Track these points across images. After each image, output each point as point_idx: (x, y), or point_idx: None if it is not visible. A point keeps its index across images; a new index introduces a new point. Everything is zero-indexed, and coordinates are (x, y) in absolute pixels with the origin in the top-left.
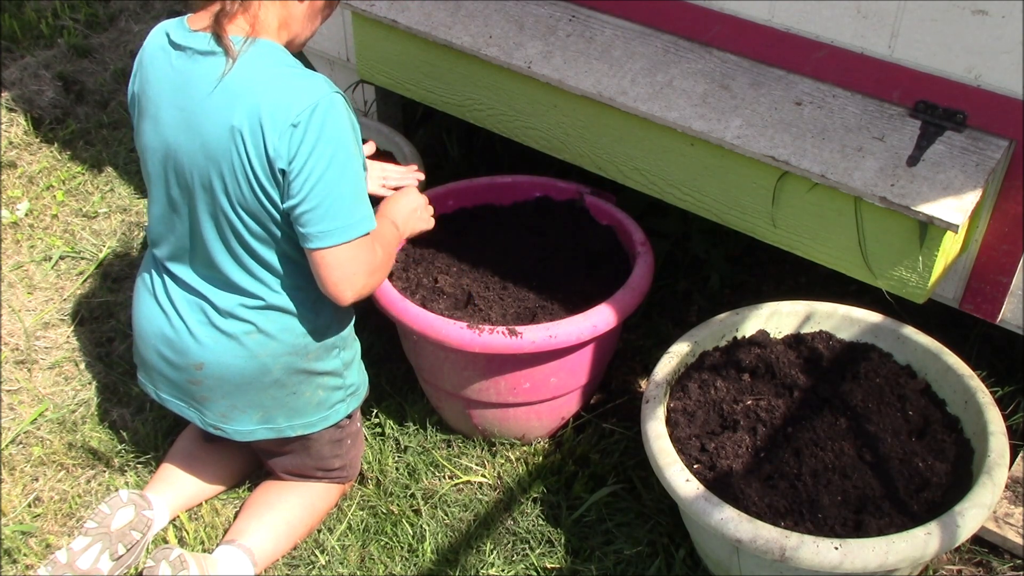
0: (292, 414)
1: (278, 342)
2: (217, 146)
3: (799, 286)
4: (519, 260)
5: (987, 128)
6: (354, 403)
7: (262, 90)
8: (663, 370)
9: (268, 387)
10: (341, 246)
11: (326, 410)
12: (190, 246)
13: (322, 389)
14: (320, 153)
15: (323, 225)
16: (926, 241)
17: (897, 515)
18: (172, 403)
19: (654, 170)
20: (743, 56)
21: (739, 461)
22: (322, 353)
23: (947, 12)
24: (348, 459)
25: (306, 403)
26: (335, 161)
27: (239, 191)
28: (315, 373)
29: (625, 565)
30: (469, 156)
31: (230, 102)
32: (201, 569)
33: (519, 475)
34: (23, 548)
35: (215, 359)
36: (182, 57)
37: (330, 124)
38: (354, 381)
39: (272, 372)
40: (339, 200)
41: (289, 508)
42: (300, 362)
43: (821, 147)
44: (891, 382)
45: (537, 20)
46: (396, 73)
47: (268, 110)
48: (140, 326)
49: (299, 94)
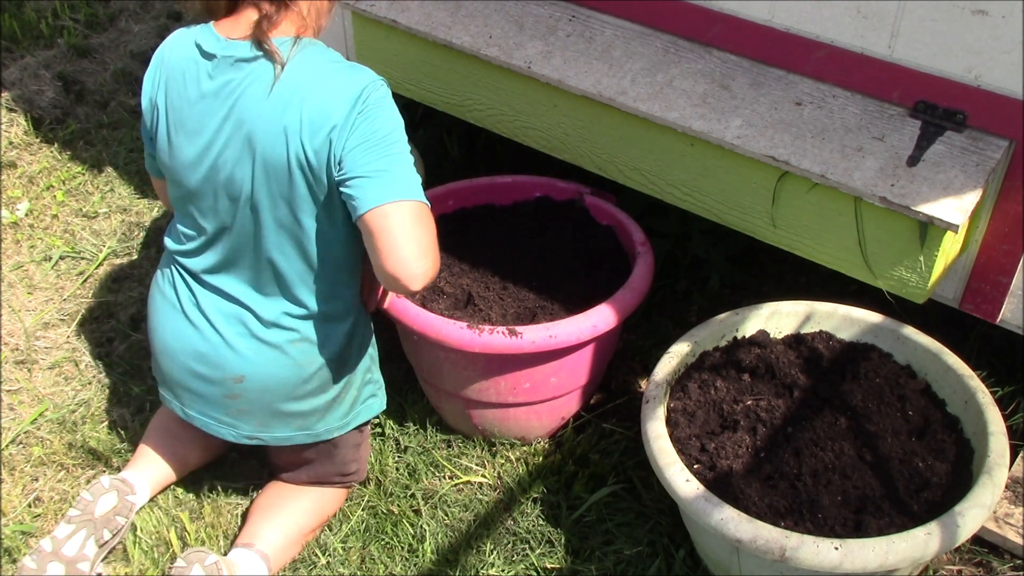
0: (329, 417)
1: (321, 349)
2: (274, 151)
3: (799, 286)
4: (519, 260)
5: (987, 128)
6: (381, 400)
7: (314, 88)
8: (663, 370)
9: (307, 396)
10: (400, 203)
11: (360, 405)
12: (236, 257)
13: (355, 389)
14: (378, 128)
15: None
16: (926, 241)
17: (897, 515)
18: (200, 420)
19: (654, 170)
20: (743, 56)
21: (739, 461)
22: (357, 353)
23: (947, 12)
24: (362, 462)
25: (340, 405)
26: (391, 137)
27: (299, 192)
28: (351, 373)
29: (625, 565)
30: (469, 156)
31: (283, 105)
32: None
33: (519, 475)
34: (23, 548)
35: (257, 370)
36: (221, 66)
37: (384, 104)
38: (379, 378)
39: (314, 379)
40: (395, 168)
41: (301, 511)
42: (339, 367)
43: (821, 147)
44: (891, 382)
45: (537, 20)
46: (396, 73)
47: (322, 105)
48: (166, 343)
49: (349, 84)
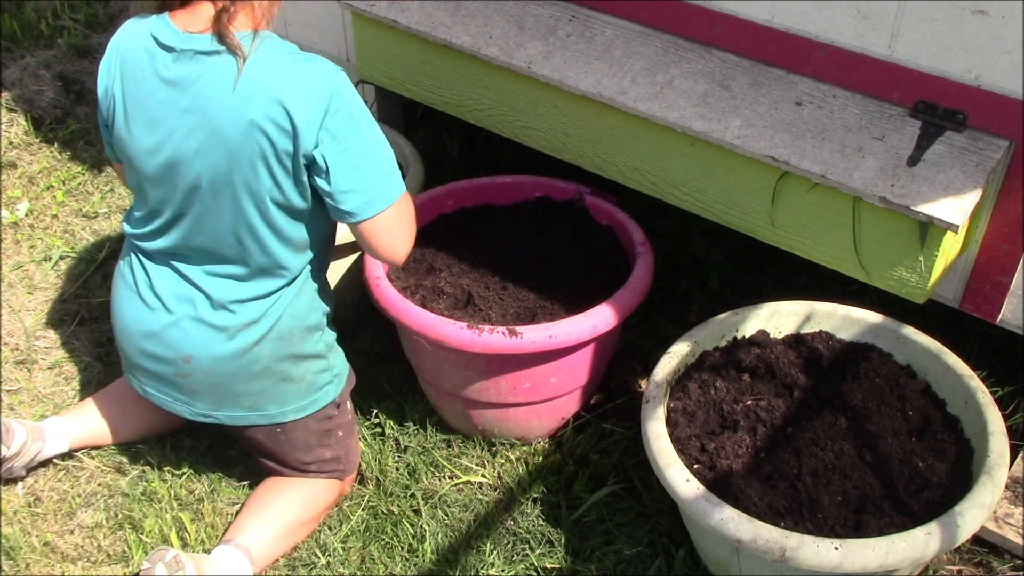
0: (282, 400)
1: (267, 330)
2: (239, 143)
3: (799, 286)
4: (519, 260)
5: (987, 128)
6: (340, 386)
7: (279, 82)
8: (663, 370)
9: (258, 376)
10: (386, 211)
11: (315, 393)
12: (190, 241)
13: (309, 372)
14: (349, 131)
15: (365, 196)
16: (926, 241)
17: (897, 515)
18: (158, 398)
19: (654, 170)
20: (743, 56)
21: (739, 461)
22: (306, 336)
23: (947, 12)
24: (342, 451)
25: (295, 388)
26: (363, 134)
27: (263, 184)
28: (301, 357)
29: (625, 565)
30: (469, 156)
31: (248, 98)
32: (198, 569)
33: (519, 475)
34: (23, 548)
35: (204, 352)
36: (181, 59)
37: (349, 101)
38: (338, 365)
39: (260, 360)
40: (374, 170)
41: (288, 506)
42: (287, 347)
43: (821, 147)
44: (891, 382)
45: (537, 20)
46: (396, 73)
47: (289, 100)
48: (123, 323)
49: (315, 80)
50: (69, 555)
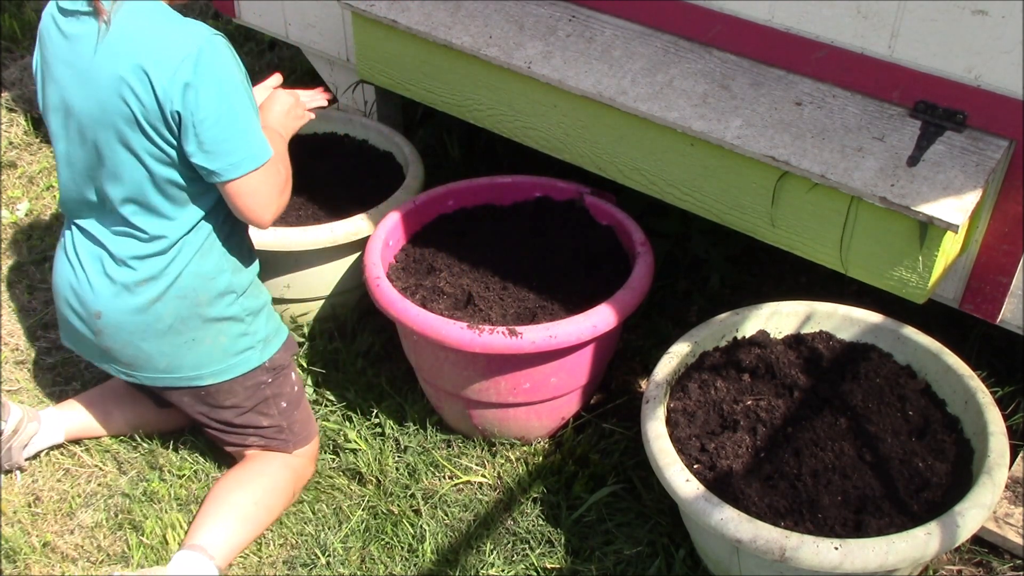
0: (197, 363)
1: (166, 287)
2: (109, 100)
3: (799, 286)
4: (519, 260)
5: (987, 128)
6: (267, 353)
7: (143, 42)
8: (663, 370)
9: (164, 334)
10: (250, 175)
11: (233, 357)
12: (90, 199)
13: (224, 336)
14: (210, 93)
15: (229, 159)
16: (926, 241)
17: (897, 515)
18: (87, 356)
19: (654, 170)
20: (743, 56)
21: (739, 461)
22: (214, 299)
23: (947, 12)
24: (284, 422)
25: (208, 351)
26: (226, 98)
27: (135, 140)
28: (211, 320)
29: (625, 565)
30: (469, 156)
31: (115, 56)
32: None
33: (519, 475)
34: (23, 548)
35: (110, 307)
36: (71, 21)
37: (215, 65)
38: (262, 330)
39: (164, 319)
40: (237, 134)
41: (238, 498)
42: (191, 307)
43: (821, 147)
44: (891, 382)
45: (537, 20)
46: (396, 73)
47: (152, 60)
48: (54, 283)
49: (181, 41)
50: (69, 555)
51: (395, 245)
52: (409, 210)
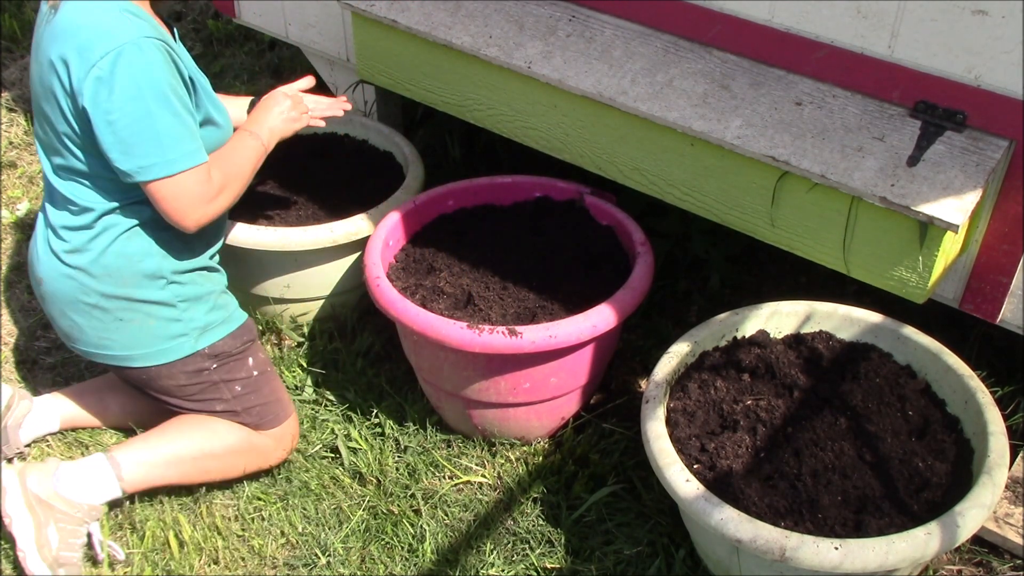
0: (126, 343)
1: (92, 263)
2: (45, 78)
3: (799, 286)
4: (519, 260)
5: (987, 128)
6: (206, 341)
7: (75, 32)
8: (663, 370)
9: (92, 309)
10: (164, 180)
11: (164, 342)
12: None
13: (152, 319)
14: (125, 93)
15: (139, 161)
16: (926, 241)
17: (897, 515)
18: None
19: (654, 170)
20: (743, 56)
21: (739, 461)
22: (141, 280)
23: (947, 12)
24: (240, 407)
25: (136, 332)
26: (142, 100)
27: (59, 119)
28: (137, 301)
29: (625, 565)
30: (469, 156)
31: (52, 41)
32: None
33: (519, 475)
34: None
35: (47, 275)
36: (45, 5)
37: (135, 66)
38: (199, 319)
39: (90, 294)
40: (150, 139)
41: (180, 444)
42: (116, 287)
43: (821, 147)
44: (891, 382)
45: (537, 20)
46: (396, 73)
47: (75, 51)
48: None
49: (105, 38)
50: None
51: (395, 245)
52: (409, 210)
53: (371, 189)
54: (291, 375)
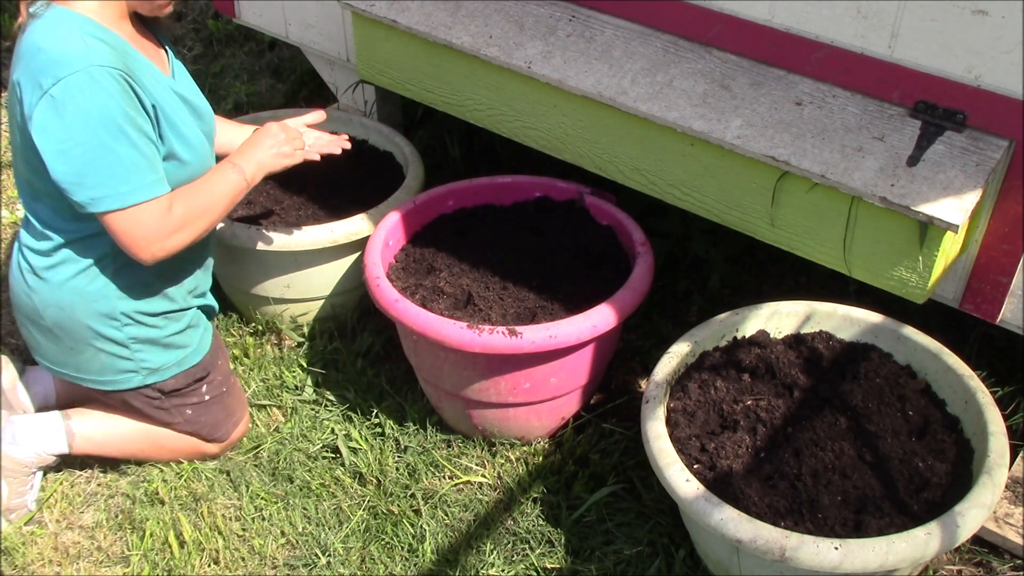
0: (79, 367)
1: (49, 293)
2: (10, 95)
3: (799, 286)
4: (519, 260)
5: (987, 128)
6: (152, 379)
7: (33, 55)
8: (663, 370)
9: (46, 332)
10: (118, 212)
11: (113, 375)
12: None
13: (104, 354)
14: (72, 124)
15: (91, 193)
16: (926, 241)
17: (897, 515)
18: None
19: (654, 170)
20: (743, 56)
21: (739, 461)
22: (96, 319)
23: (947, 12)
24: (190, 428)
25: (88, 361)
26: (91, 132)
27: (20, 143)
28: (91, 334)
29: (625, 565)
30: (469, 156)
31: (17, 61)
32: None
33: (519, 475)
34: (23, 548)
35: (13, 285)
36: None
37: (84, 96)
38: (151, 360)
39: (44, 319)
40: (101, 169)
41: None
42: (69, 319)
43: (821, 147)
44: (891, 382)
45: (537, 20)
46: (396, 73)
47: (28, 76)
48: None
49: (58, 64)
50: (69, 555)
51: (395, 245)
52: (409, 210)
53: (371, 189)
54: (291, 375)
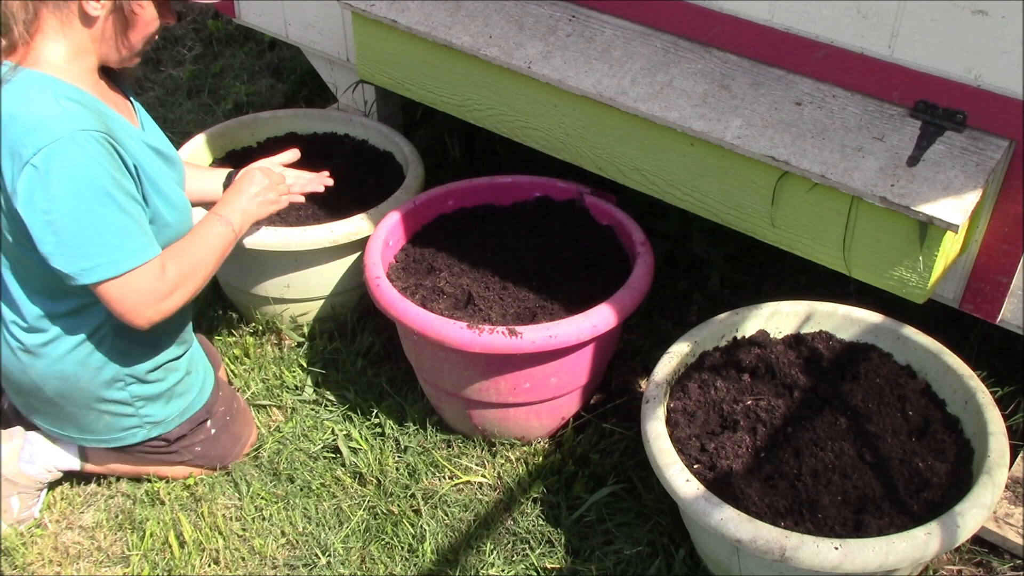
0: (81, 429)
1: (45, 365)
2: None
3: (799, 286)
4: (519, 260)
5: (987, 128)
6: (157, 432)
7: (7, 123)
8: (663, 370)
9: (45, 402)
10: (111, 281)
11: (118, 432)
12: None
13: (108, 415)
14: (59, 193)
15: (82, 263)
16: (926, 241)
17: (897, 515)
18: None
19: (654, 170)
20: (743, 56)
21: (739, 461)
22: (100, 386)
23: (947, 12)
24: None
25: (91, 424)
26: (79, 200)
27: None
28: (95, 399)
29: (625, 565)
30: (469, 156)
31: None
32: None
33: (519, 475)
34: (23, 548)
35: (4, 363)
36: None
37: (69, 163)
38: (155, 414)
39: (44, 390)
40: (92, 238)
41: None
42: (72, 388)
43: (821, 147)
44: (891, 382)
45: (537, 20)
46: (396, 73)
47: (6, 147)
48: None
49: (38, 132)
50: (69, 555)
51: (395, 245)
52: (409, 210)
53: (371, 189)
54: (291, 375)
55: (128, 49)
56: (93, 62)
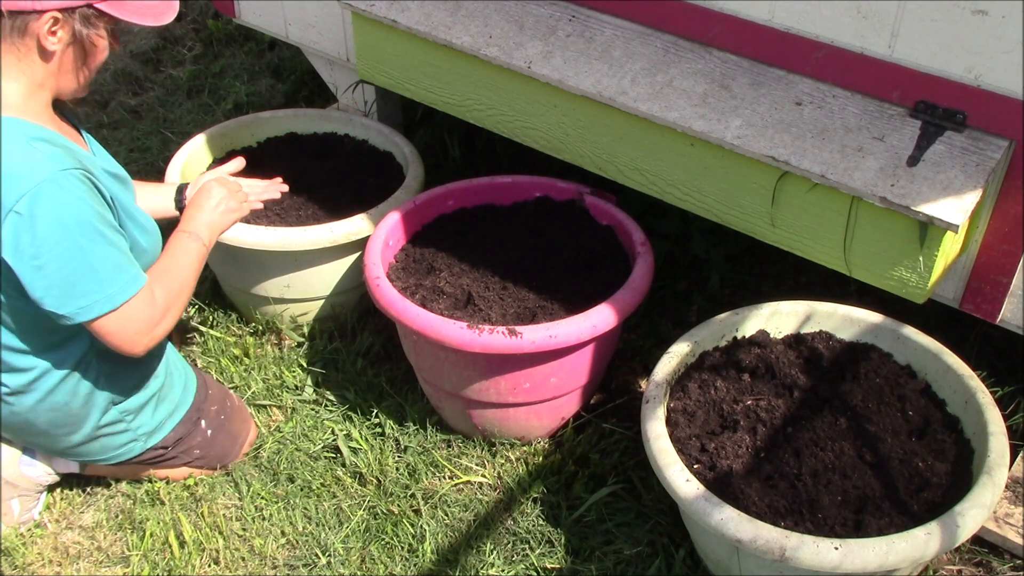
0: (79, 452)
1: (35, 400)
2: None
3: (799, 286)
4: (519, 260)
5: (987, 128)
6: (153, 441)
7: None
8: (663, 370)
9: (40, 435)
10: (107, 316)
11: (114, 451)
12: None
13: (103, 437)
14: (47, 237)
15: (79, 303)
16: (926, 241)
17: (897, 515)
18: None
19: (654, 170)
20: (743, 56)
21: (739, 461)
22: (89, 412)
23: (947, 12)
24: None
25: (86, 446)
26: (69, 241)
27: None
28: (87, 427)
29: (625, 565)
30: (469, 156)
31: None
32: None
33: (519, 475)
34: (23, 548)
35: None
36: None
37: (54, 206)
38: (145, 424)
39: (38, 424)
40: (87, 276)
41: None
42: (63, 417)
43: (821, 147)
44: (891, 382)
45: (537, 20)
46: (396, 73)
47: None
48: None
49: (18, 179)
50: (69, 555)
51: (395, 245)
52: (409, 210)
53: (371, 189)
54: (291, 375)
55: (86, 78)
56: (47, 97)
